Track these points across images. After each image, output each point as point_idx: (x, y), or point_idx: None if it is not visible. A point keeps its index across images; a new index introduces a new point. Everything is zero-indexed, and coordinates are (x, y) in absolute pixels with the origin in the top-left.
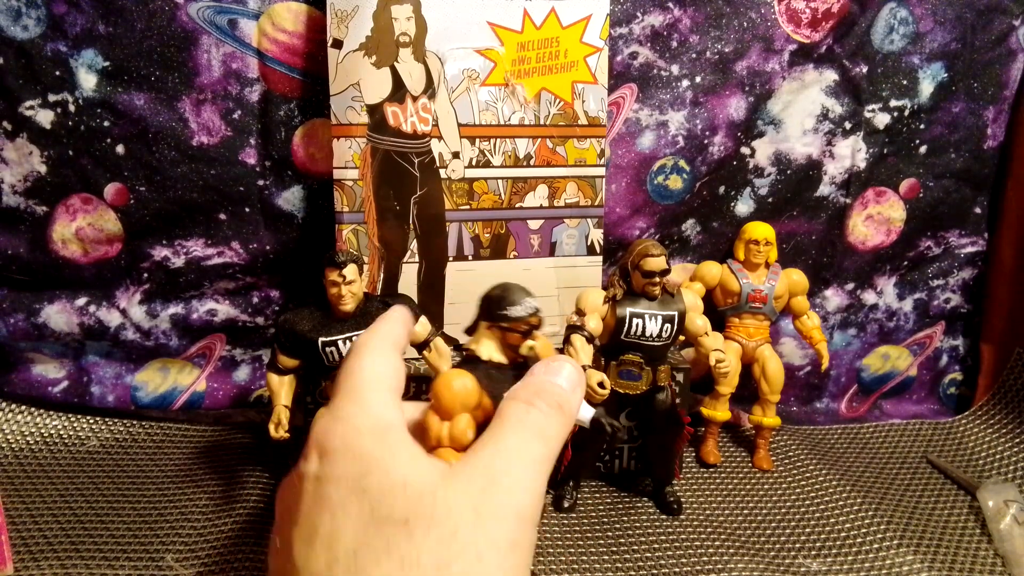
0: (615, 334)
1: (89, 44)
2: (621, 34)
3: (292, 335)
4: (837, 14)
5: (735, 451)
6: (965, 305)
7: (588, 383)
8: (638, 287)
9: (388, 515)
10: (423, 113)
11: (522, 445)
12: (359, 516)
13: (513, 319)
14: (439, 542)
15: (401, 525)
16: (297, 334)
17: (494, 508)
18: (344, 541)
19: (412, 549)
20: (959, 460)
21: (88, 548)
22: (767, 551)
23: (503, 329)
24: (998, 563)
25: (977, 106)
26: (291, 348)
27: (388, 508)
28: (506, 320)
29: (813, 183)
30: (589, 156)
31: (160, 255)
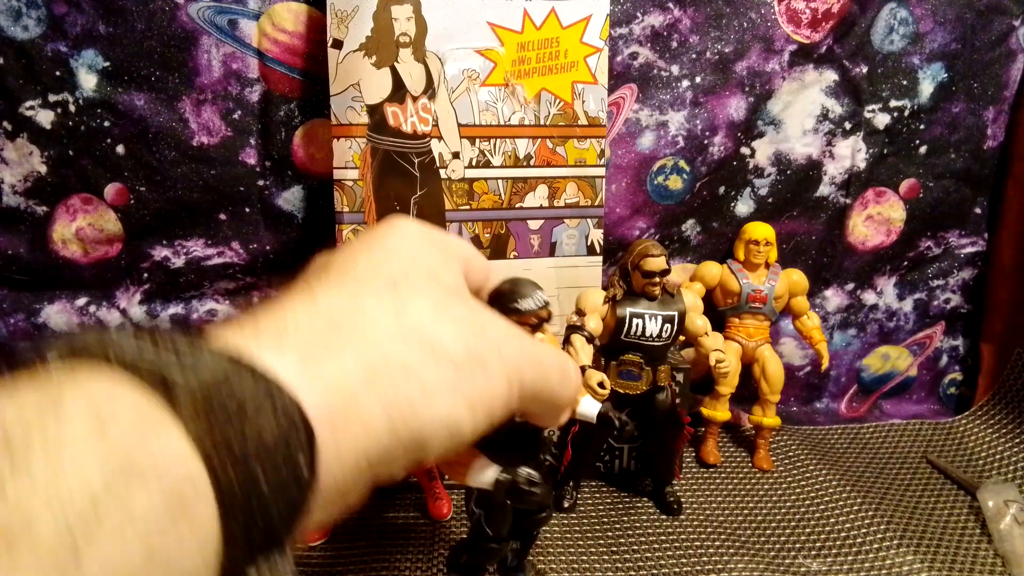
0: (615, 334)
1: (89, 44)
2: (621, 34)
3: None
4: (837, 14)
5: (735, 451)
6: (965, 305)
7: (588, 383)
8: (638, 287)
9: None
10: (423, 113)
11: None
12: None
13: (524, 312)
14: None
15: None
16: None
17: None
18: (393, 267)
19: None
20: (959, 460)
21: None
22: (767, 551)
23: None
24: (998, 563)
25: (977, 106)
26: None
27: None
28: (516, 313)
29: (813, 183)
30: (589, 156)
31: (160, 255)
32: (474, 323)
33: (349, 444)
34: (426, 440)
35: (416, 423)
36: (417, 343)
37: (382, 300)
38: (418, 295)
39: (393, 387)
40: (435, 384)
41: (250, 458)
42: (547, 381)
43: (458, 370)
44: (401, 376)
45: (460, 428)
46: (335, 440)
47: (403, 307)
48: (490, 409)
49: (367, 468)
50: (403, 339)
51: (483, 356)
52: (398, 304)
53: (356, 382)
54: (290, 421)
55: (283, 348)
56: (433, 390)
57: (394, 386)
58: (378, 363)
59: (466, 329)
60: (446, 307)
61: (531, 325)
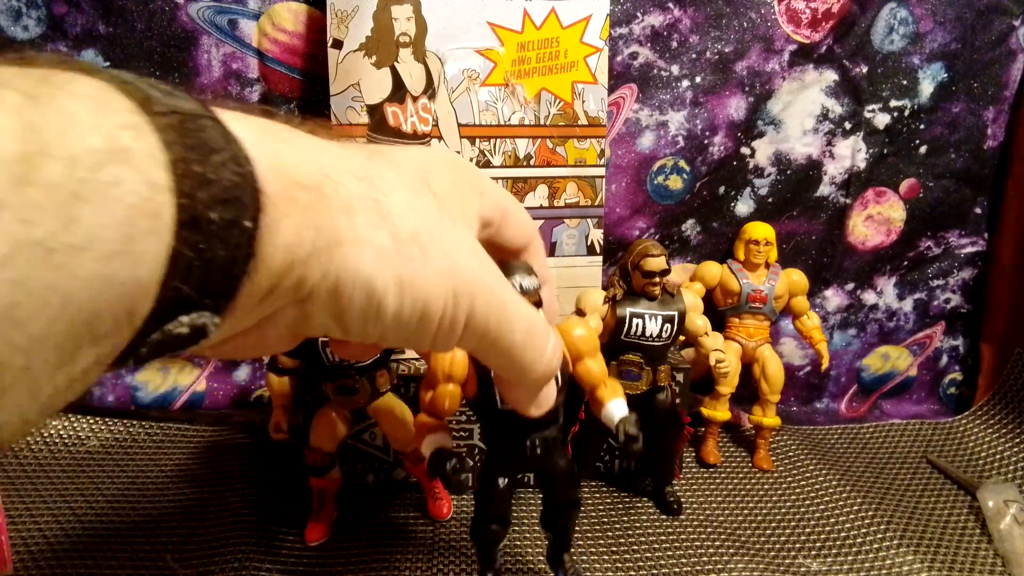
0: (615, 334)
1: (89, 44)
2: (621, 34)
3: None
4: (837, 14)
5: (735, 451)
6: (965, 305)
7: None
8: (638, 287)
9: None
10: (423, 113)
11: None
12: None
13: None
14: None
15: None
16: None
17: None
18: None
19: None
20: (959, 460)
21: (88, 548)
22: (767, 551)
23: None
24: (998, 563)
25: (977, 106)
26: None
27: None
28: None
29: (813, 183)
30: (589, 156)
31: None
32: (436, 223)
33: (280, 238)
34: (342, 289)
35: (339, 262)
36: (372, 198)
37: (368, 156)
38: (402, 178)
39: (330, 216)
40: (368, 239)
41: (210, 186)
42: (504, 329)
43: (396, 243)
44: (342, 212)
45: (380, 299)
46: (268, 224)
47: (379, 170)
48: (423, 303)
49: (291, 285)
50: (360, 183)
51: (428, 248)
52: (376, 166)
53: (302, 183)
54: (243, 176)
55: (247, 123)
56: (364, 242)
57: (331, 215)
58: (327, 186)
59: (424, 220)
60: (417, 197)
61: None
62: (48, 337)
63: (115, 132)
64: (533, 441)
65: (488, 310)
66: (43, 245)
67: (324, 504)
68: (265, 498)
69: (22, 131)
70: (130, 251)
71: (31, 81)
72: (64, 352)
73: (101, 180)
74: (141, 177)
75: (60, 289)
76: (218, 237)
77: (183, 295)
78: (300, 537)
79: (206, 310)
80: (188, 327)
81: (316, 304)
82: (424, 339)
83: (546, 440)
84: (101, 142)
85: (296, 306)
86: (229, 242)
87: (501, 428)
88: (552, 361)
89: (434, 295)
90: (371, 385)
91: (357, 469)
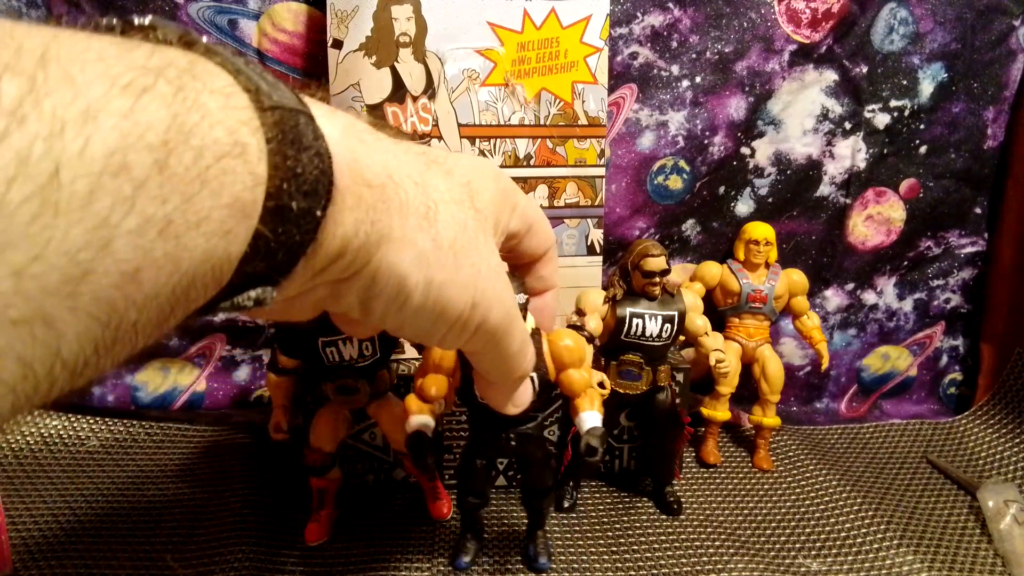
0: (615, 334)
1: None
2: (621, 34)
3: (292, 335)
4: (837, 14)
5: (735, 451)
6: (965, 305)
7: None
8: (638, 287)
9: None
10: (423, 113)
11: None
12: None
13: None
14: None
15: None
16: (297, 334)
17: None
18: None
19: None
20: (959, 460)
21: (88, 548)
22: (767, 551)
23: None
24: (998, 563)
25: (977, 106)
26: (291, 348)
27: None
28: None
29: (813, 183)
30: (589, 156)
31: None
32: (472, 236)
33: (340, 228)
34: (378, 279)
35: (383, 256)
36: (424, 204)
37: (426, 164)
38: (452, 189)
39: (387, 214)
40: (413, 240)
41: (297, 179)
42: (506, 339)
43: (435, 248)
44: (398, 212)
45: (408, 294)
46: (333, 215)
47: (433, 179)
48: (444, 306)
49: (340, 268)
50: (416, 188)
51: (461, 260)
52: (432, 175)
53: (369, 182)
54: (323, 171)
55: (333, 120)
56: (409, 242)
57: (388, 214)
58: (389, 187)
59: (463, 232)
60: (460, 209)
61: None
62: (157, 298)
63: (236, 127)
64: (509, 435)
65: (498, 322)
66: (168, 220)
67: (324, 504)
68: (265, 498)
69: (168, 122)
70: (229, 231)
71: (177, 72)
72: (164, 313)
73: (219, 168)
74: (247, 169)
75: (174, 257)
76: (294, 223)
77: (257, 271)
78: (300, 537)
79: (269, 285)
80: (253, 300)
81: (351, 287)
82: (435, 336)
83: (521, 435)
84: (225, 136)
85: (331, 285)
86: (301, 228)
87: (482, 418)
88: (531, 363)
89: (455, 300)
90: (371, 385)
91: (357, 469)
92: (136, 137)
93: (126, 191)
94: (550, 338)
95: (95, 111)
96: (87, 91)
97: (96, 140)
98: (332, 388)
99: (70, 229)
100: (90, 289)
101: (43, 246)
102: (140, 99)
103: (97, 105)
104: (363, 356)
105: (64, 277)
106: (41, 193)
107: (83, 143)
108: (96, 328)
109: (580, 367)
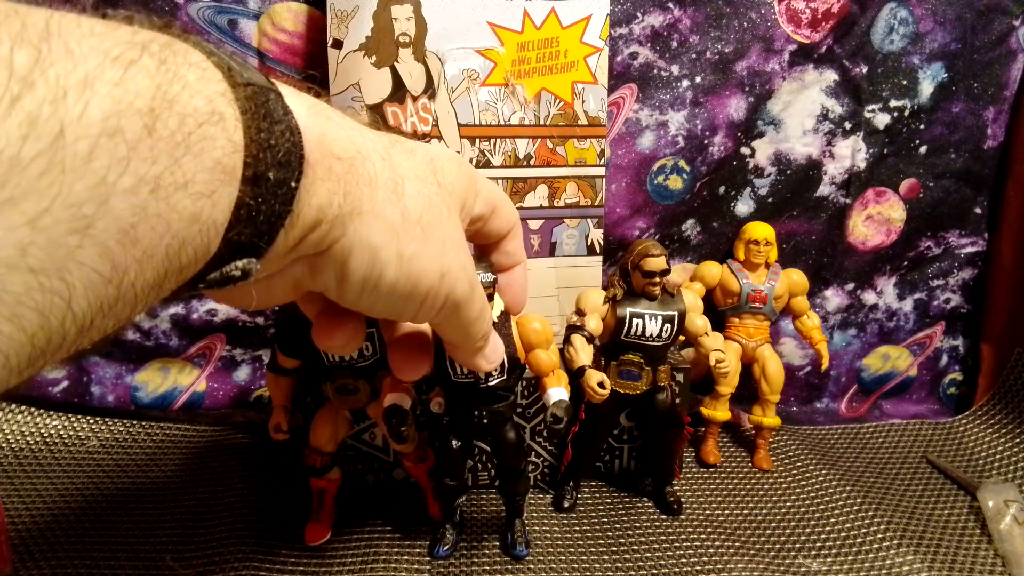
0: (615, 334)
1: None
2: (621, 34)
3: (293, 335)
4: (837, 14)
5: (735, 451)
6: (965, 305)
7: (588, 384)
8: (638, 287)
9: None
10: (423, 113)
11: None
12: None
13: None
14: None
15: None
16: (298, 333)
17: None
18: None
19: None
20: (959, 460)
21: (88, 548)
22: (767, 551)
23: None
24: (998, 563)
25: (977, 106)
26: (292, 348)
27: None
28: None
29: (813, 183)
30: (589, 156)
31: None
32: (437, 211)
33: (314, 199)
34: (353, 252)
35: (355, 228)
36: (391, 178)
37: (390, 142)
38: (416, 166)
39: (357, 186)
40: (383, 213)
41: (271, 150)
42: (469, 307)
43: (404, 221)
44: (367, 185)
45: (382, 268)
46: (306, 186)
47: (399, 156)
48: (416, 278)
49: (315, 240)
50: (383, 163)
51: (428, 233)
52: (396, 152)
53: (338, 155)
54: (294, 144)
55: (300, 99)
56: (379, 215)
57: (358, 186)
58: (358, 161)
59: (429, 206)
60: (425, 185)
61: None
62: (152, 258)
63: (213, 97)
64: (480, 412)
65: (463, 292)
66: (158, 180)
67: (324, 504)
68: (265, 498)
69: (154, 91)
70: (212, 194)
71: (159, 47)
72: (159, 276)
73: (201, 135)
74: (226, 136)
75: (164, 217)
76: (272, 193)
77: (242, 240)
78: (300, 537)
79: (253, 255)
80: (240, 270)
81: (327, 262)
82: (409, 310)
83: (493, 413)
84: (204, 104)
85: (308, 261)
86: (279, 198)
87: (456, 398)
88: (489, 325)
89: (426, 273)
90: (371, 385)
91: (357, 469)
92: (127, 104)
93: (121, 152)
94: (519, 321)
95: (92, 79)
96: (84, 62)
97: (94, 105)
98: (332, 388)
99: (74, 184)
100: (93, 243)
101: (52, 199)
102: (129, 70)
103: (94, 74)
104: (363, 356)
105: (70, 228)
106: (49, 150)
107: (83, 107)
108: (100, 283)
109: (547, 348)
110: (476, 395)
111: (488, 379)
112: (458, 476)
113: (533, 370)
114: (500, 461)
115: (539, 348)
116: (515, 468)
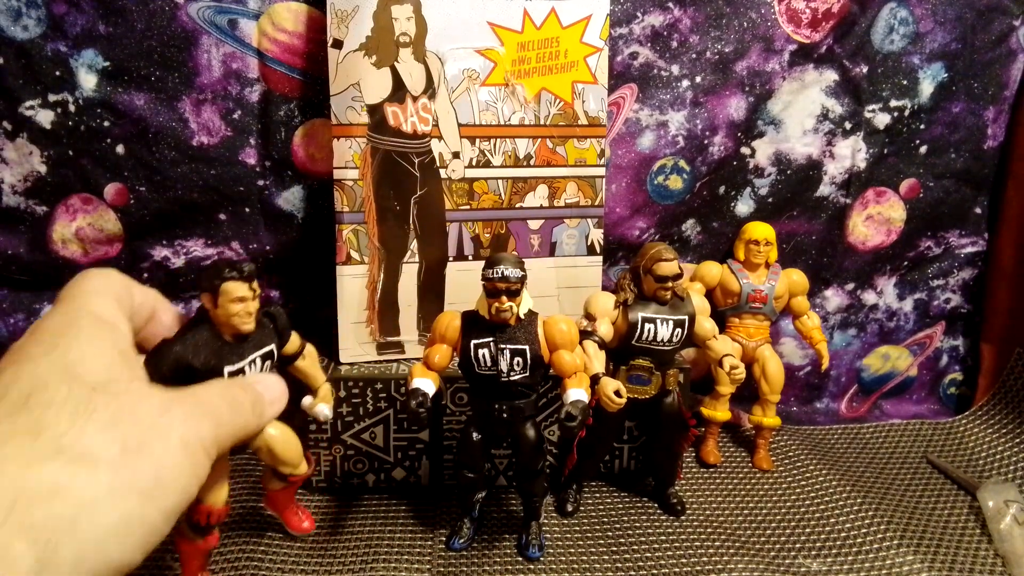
0: (626, 339)
1: (89, 44)
2: (621, 34)
3: (188, 371)
4: (837, 14)
5: (735, 451)
6: (965, 305)
7: (604, 391)
8: (650, 291)
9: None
10: (423, 113)
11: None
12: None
13: (490, 278)
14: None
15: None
16: (195, 368)
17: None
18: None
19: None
20: (959, 460)
21: None
22: (767, 551)
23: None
24: (998, 563)
25: (977, 106)
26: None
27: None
28: (483, 278)
29: (813, 183)
30: (589, 156)
31: (160, 255)
32: (123, 413)
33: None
34: (105, 547)
35: (81, 540)
36: (63, 459)
37: (15, 423)
38: (52, 406)
39: (43, 513)
40: (93, 494)
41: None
42: (237, 423)
43: (117, 470)
44: (50, 500)
45: (141, 520)
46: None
47: (37, 425)
48: (172, 484)
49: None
50: (43, 460)
51: (141, 441)
52: (32, 422)
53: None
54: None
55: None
56: (92, 500)
57: (44, 512)
58: (20, 496)
59: (115, 424)
60: (87, 410)
61: (500, 291)
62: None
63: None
64: (501, 406)
65: (223, 426)
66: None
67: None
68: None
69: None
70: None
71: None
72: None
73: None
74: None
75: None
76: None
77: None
78: (300, 537)
79: None
80: None
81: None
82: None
83: (513, 408)
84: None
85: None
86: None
87: (478, 389)
88: (262, 415)
89: (179, 467)
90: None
91: (357, 469)
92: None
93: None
94: (546, 321)
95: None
96: None
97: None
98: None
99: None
100: None
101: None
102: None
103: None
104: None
105: None
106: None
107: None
108: None
109: (571, 350)
110: (497, 389)
111: (509, 374)
112: (477, 469)
113: (556, 370)
114: (518, 459)
115: (563, 349)
116: (533, 467)
